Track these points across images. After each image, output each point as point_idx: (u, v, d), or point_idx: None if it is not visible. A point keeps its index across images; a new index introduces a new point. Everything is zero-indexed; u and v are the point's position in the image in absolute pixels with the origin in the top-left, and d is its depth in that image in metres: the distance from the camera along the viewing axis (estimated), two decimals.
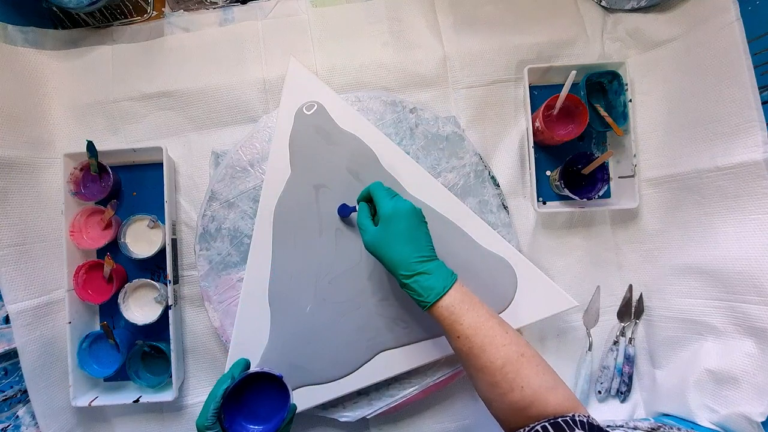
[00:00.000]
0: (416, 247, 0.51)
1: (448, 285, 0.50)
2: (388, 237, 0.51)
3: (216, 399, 0.49)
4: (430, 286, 0.49)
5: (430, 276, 0.50)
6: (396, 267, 0.51)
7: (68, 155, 0.67)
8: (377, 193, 0.54)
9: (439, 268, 0.51)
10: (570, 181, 0.66)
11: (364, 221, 0.55)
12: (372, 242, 0.53)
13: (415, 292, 0.50)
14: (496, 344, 0.47)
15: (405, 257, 0.50)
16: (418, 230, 0.52)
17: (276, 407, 0.53)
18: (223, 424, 0.48)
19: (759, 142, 0.55)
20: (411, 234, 0.51)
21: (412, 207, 0.53)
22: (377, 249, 0.52)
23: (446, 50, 0.71)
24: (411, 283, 0.50)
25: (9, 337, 0.61)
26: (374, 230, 0.53)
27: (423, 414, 0.69)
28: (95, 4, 0.68)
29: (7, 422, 0.60)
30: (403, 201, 0.53)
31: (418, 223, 0.53)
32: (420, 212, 0.53)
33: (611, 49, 0.71)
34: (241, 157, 0.68)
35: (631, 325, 0.70)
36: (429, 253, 0.52)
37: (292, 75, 0.68)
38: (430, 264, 0.51)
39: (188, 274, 0.70)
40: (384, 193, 0.54)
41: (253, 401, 0.53)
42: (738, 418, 0.55)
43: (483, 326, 0.48)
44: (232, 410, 0.50)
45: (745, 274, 0.57)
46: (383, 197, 0.54)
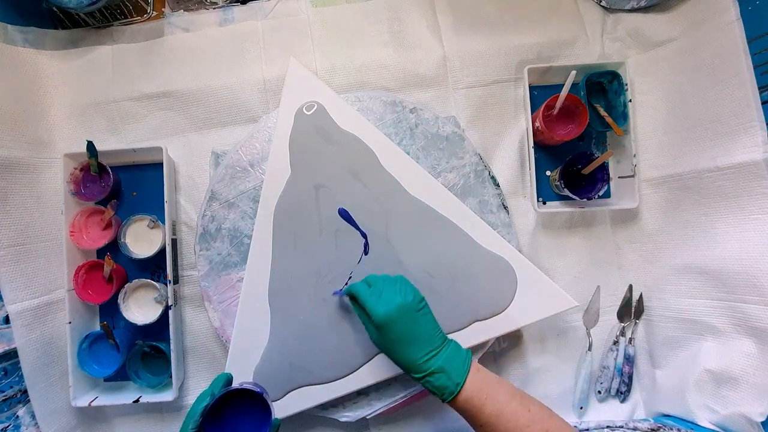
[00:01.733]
0: (420, 346, 0.49)
1: (461, 381, 0.48)
2: (388, 342, 0.50)
3: (195, 417, 0.47)
4: (443, 386, 0.48)
5: (441, 375, 0.48)
6: (406, 370, 0.50)
7: (68, 155, 0.67)
8: (362, 299, 0.52)
9: (451, 360, 0.49)
10: (570, 181, 0.66)
11: (365, 323, 0.53)
12: (378, 345, 0.52)
13: (430, 391, 0.49)
14: (520, 427, 0.46)
15: (411, 360, 0.49)
16: (418, 325, 0.50)
17: (259, 424, 0.51)
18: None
19: (759, 142, 0.55)
20: (411, 334, 0.49)
21: (402, 303, 0.49)
22: (385, 352, 0.52)
23: (446, 50, 0.71)
24: (424, 383, 0.49)
25: (9, 337, 0.61)
26: (376, 337, 0.51)
27: (423, 414, 0.69)
28: (95, 4, 0.68)
29: (7, 422, 0.60)
30: (392, 299, 0.50)
31: (415, 315, 0.50)
32: (414, 300, 0.50)
33: (611, 49, 0.71)
34: (241, 157, 0.68)
35: (631, 325, 0.70)
36: (436, 344, 0.50)
37: (292, 75, 0.68)
38: (440, 358, 0.49)
39: (188, 274, 0.70)
40: (368, 297, 0.51)
41: (234, 418, 0.52)
42: (738, 418, 0.55)
43: (504, 412, 0.47)
44: (212, 428, 0.49)
45: (745, 274, 0.57)
46: (369, 302, 0.51)
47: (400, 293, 0.51)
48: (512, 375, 0.70)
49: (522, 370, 0.70)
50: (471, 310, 0.62)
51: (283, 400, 0.62)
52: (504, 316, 0.62)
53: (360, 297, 0.52)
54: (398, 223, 0.64)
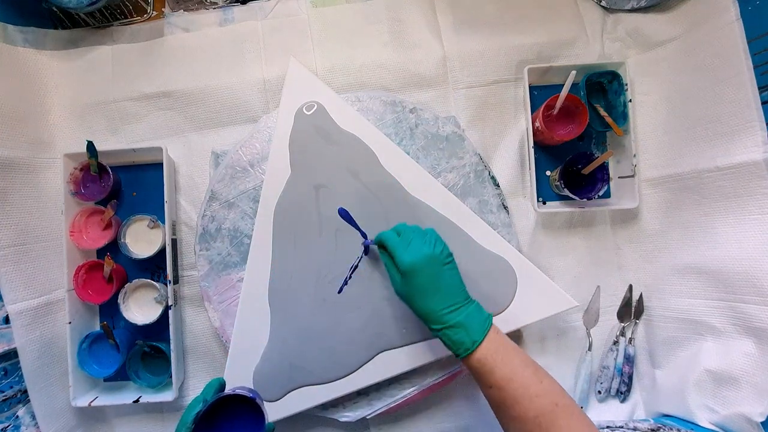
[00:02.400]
0: (442, 298, 0.49)
1: (478, 339, 0.48)
2: (412, 292, 0.50)
3: (187, 425, 0.46)
4: (460, 341, 0.48)
5: (459, 330, 0.48)
6: (426, 320, 0.50)
7: (68, 155, 0.67)
8: (390, 246, 0.52)
9: (471, 317, 0.49)
10: (570, 181, 0.66)
11: (390, 270, 0.53)
12: (400, 294, 0.52)
13: (447, 343, 0.49)
14: (529, 395, 0.46)
15: (431, 310, 0.49)
16: (442, 277, 0.50)
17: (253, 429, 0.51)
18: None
19: (759, 142, 0.55)
20: (435, 284, 0.49)
21: (430, 254, 0.50)
22: (406, 300, 0.52)
23: (446, 50, 0.71)
24: (441, 336, 0.49)
25: (9, 337, 0.61)
26: (400, 282, 0.51)
27: (423, 414, 0.69)
28: (95, 5, 0.68)
29: (7, 422, 0.60)
30: (419, 249, 0.50)
31: (441, 268, 0.50)
32: (442, 253, 0.51)
33: (611, 49, 0.71)
34: (241, 157, 0.68)
35: (631, 325, 0.70)
36: (458, 300, 0.50)
37: (292, 75, 0.68)
38: (460, 314, 0.49)
39: (188, 274, 0.70)
40: (397, 245, 0.52)
41: (228, 424, 0.51)
42: (738, 419, 0.55)
43: (516, 377, 0.47)
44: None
45: (745, 274, 0.57)
46: (397, 250, 0.51)
47: (428, 244, 0.51)
48: None
49: None
50: None
51: (283, 400, 0.62)
52: (504, 316, 0.62)
53: (389, 244, 0.53)
54: (398, 223, 0.64)
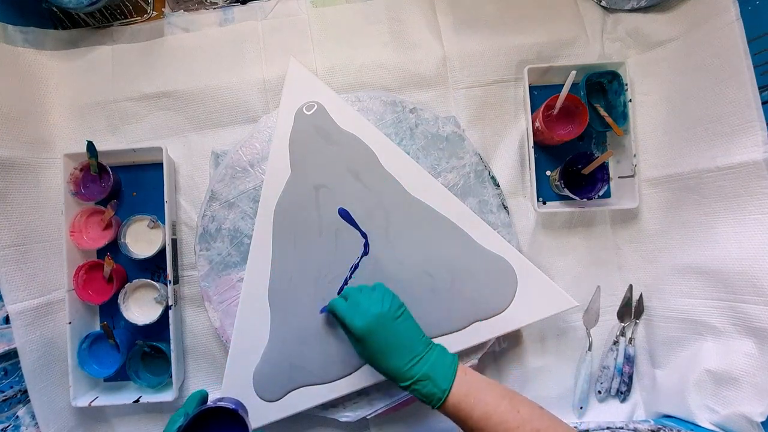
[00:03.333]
0: (402, 353, 0.49)
1: (447, 387, 0.48)
2: (371, 353, 0.50)
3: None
4: (430, 393, 0.48)
5: (426, 382, 0.48)
6: (393, 379, 0.50)
7: (68, 155, 0.67)
8: (339, 314, 0.52)
9: (436, 365, 0.49)
10: (570, 181, 0.66)
11: (349, 338, 0.53)
12: (362, 358, 0.53)
13: (419, 398, 0.49)
14: (510, 429, 0.46)
15: (395, 368, 0.49)
16: (398, 331, 0.50)
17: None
18: None
19: (759, 142, 0.55)
20: (392, 341, 0.49)
21: (378, 313, 0.50)
22: (370, 363, 0.52)
23: (446, 50, 0.71)
24: (411, 392, 0.49)
25: (9, 338, 0.61)
26: (359, 349, 0.52)
27: (423, 414, 0.69)
28: (95, 5, 0.68)
29: (7, 422, 0.60)
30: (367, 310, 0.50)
31: (394, 323, 0.50)
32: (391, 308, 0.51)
33: (611, 49, 0.71)
34: (241, 157, 0.68)
35: (631, 325, 0.70)
36: (419, 349, 0.50)
37: (292, 75, 0.68)
38: (424, 363, 0.49)
39: (188, 274, 0.70)
40: (345, 311, 0.52)
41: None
42: (738, 419, 0.55)
43: (493, 416, 0.46)
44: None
45: (745, 274, 0.57)
46: (346, 317, 0.51)
47: (376, 303, 0.51)
48: (512, 375, 0.70)
49: (522, 370, 0.70)
50: (471, 310, 0.62)
51: (283, 400, 0.62)
52: (504, 316, 0.62)
53: (338, 312, 0.53)
54: (398, 223, 0.64)
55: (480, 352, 0.65)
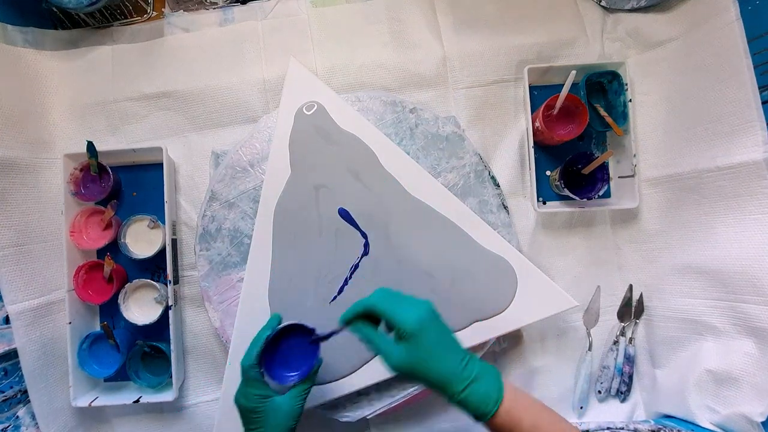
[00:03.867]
0: (455, 350, 0.44)
1: (501, 386, 0.43)
2: (425, 354, 0.43)
3: (259, 344, 0.51)
4: (486, 393, 0.42)
5: (481, 382, 0.43)
6: (446, 384, 0.43)
7: (68, 155, 0.67)
8: (389, 306, 0.45)
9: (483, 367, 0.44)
10: (570, 181, 0.66)
11: (381, 344, 0.45)
12: (407, 365, 0.44)
13: (472, 405, 0.42)
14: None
15: (451, 368, 0.43)
16: (446, 329, 0.46)
17: (305, 356, 0.54)
18: (261, 367, 0.52)
19: (759, 142, 0.55)
20: (445, 338, 0.45)
21: (429, 307, 0.46)
22: (416, 370, 0.43)
23: (446, 50, 0.71)
24: (467, 396, 0.42)
25: (9, 338, 0.61)
26: (402, 350, 0.44)
27: (423, 414, 0.69)
28: (95, 5, 0.68)
29: (7, 422, 0.60)
30: (418, 304, 0.45)
31: (441, 319, 0.46)
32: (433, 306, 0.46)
33: (611, 49, 0.71)
34: (241, 157, 0.68)
35: (631, 325, 0.70)
36: (464, 350, 0.45)
37: (292, 75, 0.68)
38: (472, 365, 0.44)
39: (188, 274, 0.70)
40: (397, 302, 0.46)
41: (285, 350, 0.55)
42: (738, 419, 0.55)
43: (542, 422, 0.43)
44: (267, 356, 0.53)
45: (745, 274, 0.57)
46: (399, 307, 0.45)
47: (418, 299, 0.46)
48: (512, 375, 0.70)
49: (522, 370, 0.70)
50: (471, 310, 0.62)
51: None
52: (504, 316, 0.62)
53: (382, 308, 0.46)
54: (398, 223, 0.64)
55: (480, 352, 0.65)
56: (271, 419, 0.49)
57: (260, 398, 0.50)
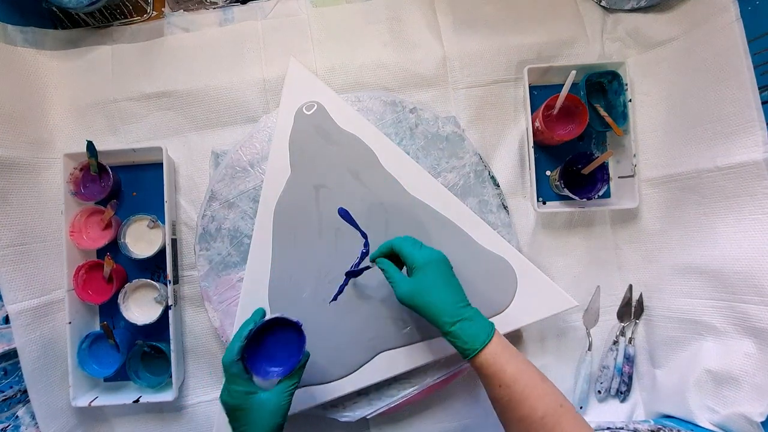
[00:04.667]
0: (456, 292, 0.51)
1: (491, 332, 0.49)
2: (427, 285, 0.51)
3: (241, 338, 0.50)
4: (475, 333, 0.48)
5: (473, 322, 0.49)
6: (439, 314, 0.50)
7: (68, 155, 0.67)
8: (407, 246, 0.54)
9: (478, 315, 0.51)
10: (570, 181, 0.66)
11: (395, 274, 0.54)
12: (410, 293, 0.51)
13: (460, 339, 0.49)
14: (537, 394, 0.46)
15: (448, 303, 0.50)
16: (453, 277, 0.53)
17: (291, 351, 0.54)
18: (245, 363, 0.51)
19: (759, 142, 0.55)
20: (449, 280, 0.52)
21: (441, 254, 0.54)
22: (416, 298, 0.51)
23: (446, 50, 0.71)
24: (456, 330, 0.49)
25: (9, 338, 0.61)
26: (409, 281, 0.52)
27: (423, 414, 0.69)
28: (95, 4, 0.68)
29: (6, 422, 0.60)
30: (431, 249, 0.54)
31: (451, 270, 0.53)
32: (447, 259, 0.54)
33: (611, 49, 0.71)
34: (241, 157, 0.68)
35: (631, 325, 0.70)
36: (466, 299, 0.52)
37: (292, 75, 0.68)
38: (470, 310, 0.51)
39: (188, 274, 0.70)
40: (414, 244, 0.54)
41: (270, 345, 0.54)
42: (738, 419, 0.55)
43: (523, 376, 0.47)
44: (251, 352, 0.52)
45: (745, 274, 0.57)
46: (414, 248, 0.53)
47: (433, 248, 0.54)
48: None
49: None
50: None
51: None
52: (504, 316, 0.62)
53: (406, 245, 0.54)
54: (398, 223, 0.64)
55: None
56: (256, 416, 0.48)
57: (244, 395, 0.49)
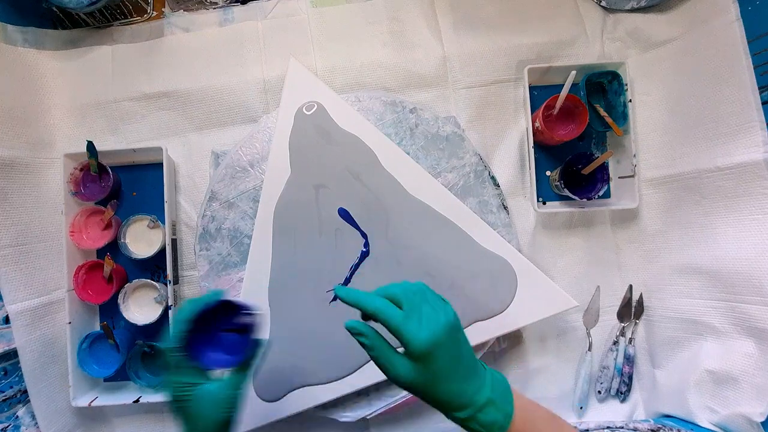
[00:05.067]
0: (469, 374, 0.39)
1: (510, 411, 0.39)
2: (433, 376, 0.38)
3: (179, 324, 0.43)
4: (492, 421, 0.38)
5: (490, 407, 0.38)
6: (449, 409, 0.39)
7: (68, 155, 0.67)
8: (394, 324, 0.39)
9: (496, 386, 0.40)
10: (570, 181, 0.66)
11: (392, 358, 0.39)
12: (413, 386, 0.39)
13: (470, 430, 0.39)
14: None
15: (461, 393, 0.38)
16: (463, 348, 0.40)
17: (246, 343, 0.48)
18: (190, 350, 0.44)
19: (759, 142, 0.55)
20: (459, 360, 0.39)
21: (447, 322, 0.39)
22: (422, 392, 0.39)
23: (446, 50, 0.71)
24: (469, 422, 0.38)
25: (9, 337, 0.61)
26: (411, 371, 0.39)
27: (423, 414, 0.69)
28: (95, 4, 0.68)
29: (6, 422, 0.60)
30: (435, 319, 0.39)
31: (459, 336, 0.40)
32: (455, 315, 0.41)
33: (611, 49, 0.71)
34: (241, 157, 0.68)
35: (631, 325, 0.70)
36: (479, 369, 0.40)
37: (292, 75, 0.68)
38: (486, 386, 0.39)
39: (188, 274, 0.70)
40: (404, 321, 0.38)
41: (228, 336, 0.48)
42: (738, 419, 0.55)
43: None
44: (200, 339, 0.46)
45: (744, 274, 0.57)
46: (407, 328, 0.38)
47: (439, 309, 0.40)
48: (512, 375, 0.70)
49: (522, 370, 0.70)
50: (471, 310, 0.62)
51: (283, 400, 0.62)
52: (504, 316, 0.62)
53: (390, 322, 0.39)
54: (398, 223, 0.64)
55: (480, 352, 0.65)
56: (198, 410, 0.43)
57: (184, 386, 0.43)
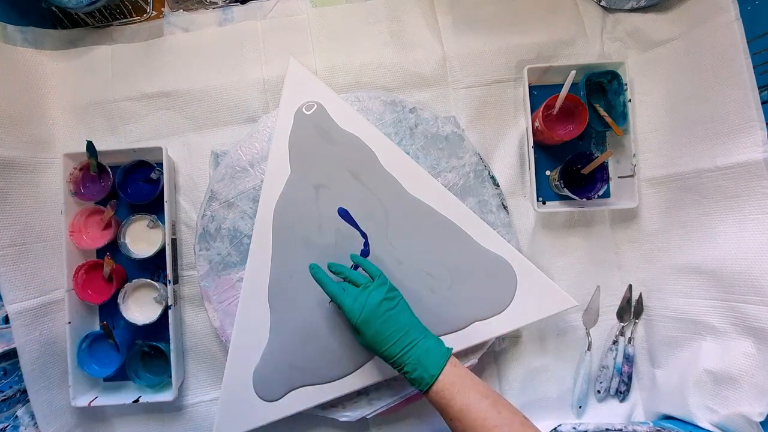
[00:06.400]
0: (396, 341, 0.52)
1: (436, 373, 0.50)
2: (367, 343, 0.53)
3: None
4: (419, 377, 0.50)
5: (418, 366, 0.50)
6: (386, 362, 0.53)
7: (68, 155, 0.67)
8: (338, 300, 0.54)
9: (428, 352, 0.51)
10: (570, 180, 0.66)
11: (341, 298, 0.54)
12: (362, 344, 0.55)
13: (407, 381, 0.52)
14: (487, 426, 0.47)
15: (389, 355, 0.52)
16: (393, 321, 0.53)
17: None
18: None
19: (759, 142, 0.55)
20: (386, 331, 0.52)
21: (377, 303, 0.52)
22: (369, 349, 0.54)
23: (446, 50, 0.71)
24: (403, 375, 0.52)
25: (9, 337, 0.61)
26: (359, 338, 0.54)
27: (423, 414, 0.69)
28: (95, 4, 0.68)
29: (6, 422, 0.60)
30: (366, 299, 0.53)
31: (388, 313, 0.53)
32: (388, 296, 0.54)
33: (611, 49, 0.71)
34: (240, 157, 0.68)
35: (631, 325, 0.70)
36: (413, 335, 0.52)
37: (291, 75, 0.68)
38: (417, 350, 0.51)
39: (188, 274, 0.70)
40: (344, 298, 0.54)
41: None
42: (737, 419, 0.55)
43: (472, 409, 0.48)
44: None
45: (744, 274, 0.57)
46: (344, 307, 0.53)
47: (374, 293, 0.53)
48: (512, 375, 0.70)
49: (522, 370, 0.70)
50: (471, 310, 0.62)
51: (283, 400, 0.62)
52: (504, 316, 0.62)
53: (336, 299, 0.54)
54: (398, 223, 0.64)
55: (480, 352, 0.65)
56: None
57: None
